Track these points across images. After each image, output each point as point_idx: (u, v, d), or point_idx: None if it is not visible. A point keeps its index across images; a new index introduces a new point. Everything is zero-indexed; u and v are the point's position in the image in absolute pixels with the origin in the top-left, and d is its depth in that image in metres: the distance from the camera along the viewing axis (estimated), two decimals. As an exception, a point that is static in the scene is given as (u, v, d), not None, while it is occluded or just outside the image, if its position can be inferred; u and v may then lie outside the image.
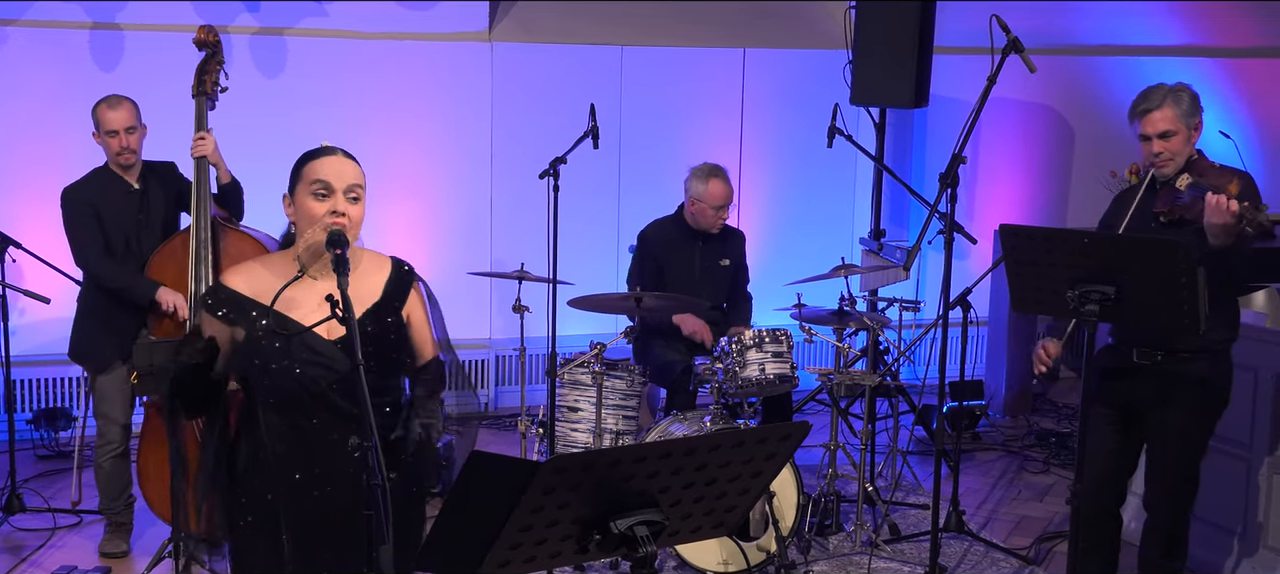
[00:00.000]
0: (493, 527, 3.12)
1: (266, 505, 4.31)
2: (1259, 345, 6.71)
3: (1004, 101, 10.36)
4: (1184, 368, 5.87)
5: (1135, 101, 5.98)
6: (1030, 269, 5.58)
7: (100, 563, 7.09)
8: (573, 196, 8.47)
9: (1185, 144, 5.88)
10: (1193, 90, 5.96)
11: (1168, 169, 5.90)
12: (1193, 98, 5.91)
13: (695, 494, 3.36)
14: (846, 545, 7.51)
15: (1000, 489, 8.61)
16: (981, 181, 10.81)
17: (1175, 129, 5.85)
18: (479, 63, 9.73)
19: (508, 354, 10.02)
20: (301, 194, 4.23)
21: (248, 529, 4.37)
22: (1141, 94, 5.97)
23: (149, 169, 7.09)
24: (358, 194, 4.26)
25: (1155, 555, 6.17)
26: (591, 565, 7.00)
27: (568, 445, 7.41)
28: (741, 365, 7.23)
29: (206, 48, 7.03)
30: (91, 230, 6.92)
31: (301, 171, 4.26)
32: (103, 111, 6.96)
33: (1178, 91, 5.90)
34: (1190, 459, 6.02)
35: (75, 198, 6.98)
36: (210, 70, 7.00)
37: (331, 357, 4.19)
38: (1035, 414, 10.15)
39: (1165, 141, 5.86)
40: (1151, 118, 5.88)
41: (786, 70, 10.46)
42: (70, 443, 8.82)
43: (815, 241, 10.14)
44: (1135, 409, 6.02)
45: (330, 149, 4.30)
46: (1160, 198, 5.86)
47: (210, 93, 6.99)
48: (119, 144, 6.93)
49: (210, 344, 4.25)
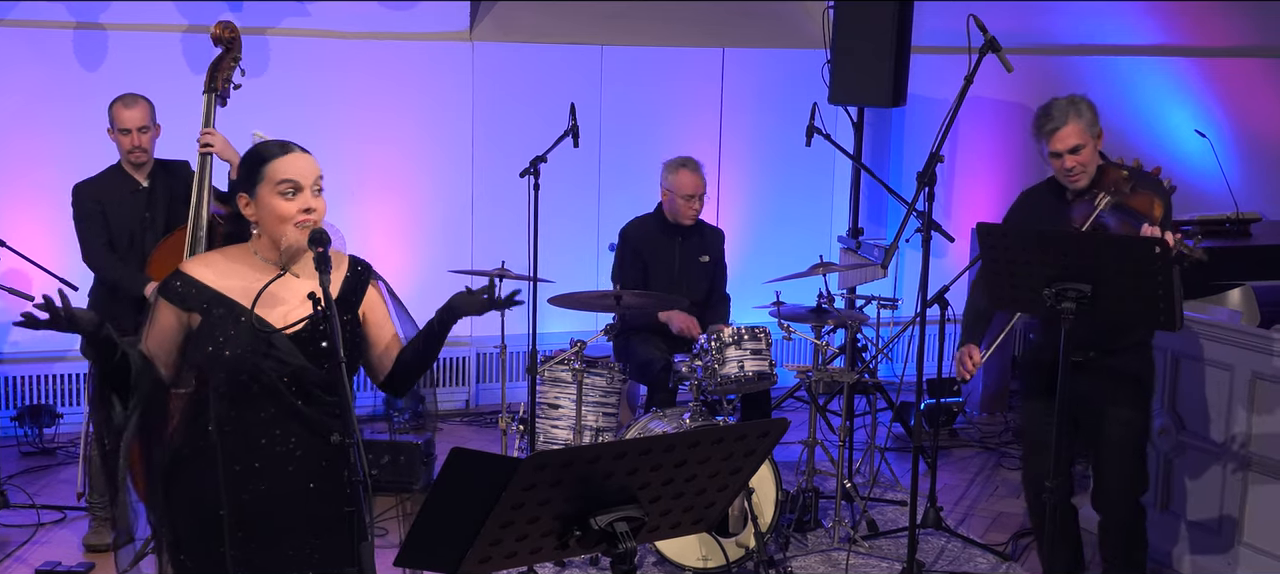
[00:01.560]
0: (474, 523, 3.14)
1: (202, 496, 4.26)
2: (1234, 343, 6.77)
3: (981, 101, 10.40)
4: (1114, 363, 6.01)
5: (1038, 121, 6.08)
6: (1007, 267, 5.60)
7: (84, 558, 7.11)
8: (553, 195, 8.51)
9: (1093, 154, 6.02)
10: (1088, 99, 6.10)
11: (1081, 182, 6.04)
12: (1091, 106, 6.06)
13: (675, 491, 3.39)
14: (825, 542, 7.56)
15: (977, 486, 8.67)
16: (959, 180, 10.86)
17: (1083, 142, 5.98)
18: (460, 62, 9.76)
19: (488, 351, 10.05)
20: (266, 194, 4.21)
21: (187, 525, 4.35)
22: (1042, 113, 6.07)
23: (161, 167, 7.14)
24: (320, 186, 4.27)
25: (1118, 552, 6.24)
26: (572, 561, 7.04)
27: (548, 442, 7.44)
28: (720, 363, 7.27)
29: (223, 43, 6.95)
30: (95, 226, 7.00)
31: (262, 172, 4.23)
32: (117, 109, 7.03)
33: (1078, 104, 6.04)
34: (1136, 454, 6.16)
35: (83, 194, 7.09)
36: (224, 67, 6.94)
37: (293, 357, 4.19)
38: (1012, 411, 10.18)
39: (1076, 155, 5.99)
40: (1060, 135, 5.99)
41: (765, 70, 10.50)
42: (54, 440, 8.85)
43: (794, 240, 10.18)
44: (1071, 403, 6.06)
45: (289, 145, 4.29)
46: (1076, 209, 5.96)
47: (221, 89, 6.92)
48: (130, 142, 6.99)
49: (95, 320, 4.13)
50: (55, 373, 9.09)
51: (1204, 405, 6.98)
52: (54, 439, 8.87)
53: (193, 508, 4.31)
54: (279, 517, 4.29)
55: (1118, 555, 6.26)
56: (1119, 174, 5.98)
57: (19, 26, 8.75)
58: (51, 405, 9.03)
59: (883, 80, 9.44)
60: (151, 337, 4.28)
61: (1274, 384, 6.63)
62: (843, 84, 9.66)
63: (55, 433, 8.91)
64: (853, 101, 9.85)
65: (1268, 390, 6.66)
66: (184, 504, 4.33)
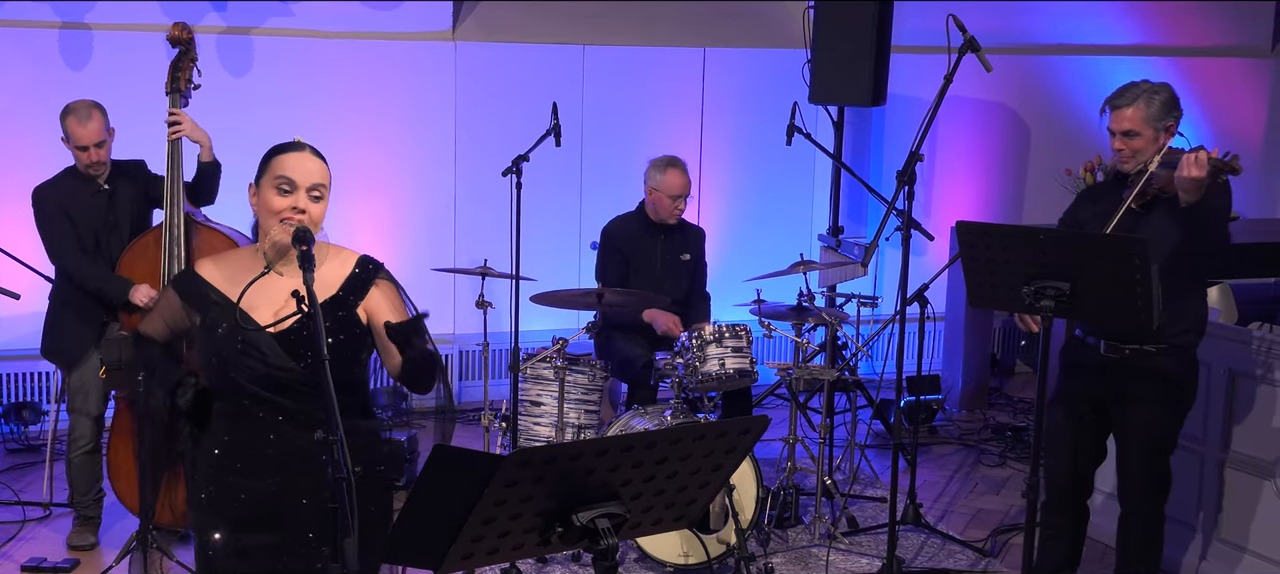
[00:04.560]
0: (456, 519, 3.16)
1: (204, 496, 4.36)
2: (1212, 340, 6.80)
3: (961, 100, 10.45)
4: (1151, 363, 5.93)
5: (1111, 95, 5.98)
6: (986, 265, 5.61)
7: (69, 555, 7.14)
8: (535, 194, 8.54)
9: (1150, 146, 5.87)
10: (1171, 93, 5.94)
11: (1129, 165, 5.91)
12: (1166, 102, 5.89)
13: (656, 487, 3.41)
14: (805, 538, 7.60)
15: (956, 482, 8.71)
16: (938, 179, 10.90)
17: (1139, 130, 5.86)
18: (443, 62, 9.78)
19: (471, 349, 10.07)
20: (265, 187, 4.29)
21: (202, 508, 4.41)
22: (1119, 88, 5.97)
23: (118, 169, 7.12)
24: (320, 193, 4.32)
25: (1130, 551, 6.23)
26: (554, 558, 7.07)
27: (530, 439, 7.45)
28: (702, 360, 7.30)
29: (180, 44, 7.04)
30: (64, 228, 6.96)
31: (268, 165, 4.32)
32: (72, 126, 6.93)
33: (1152, 92, 5.90)
34: (1160, 456, 6.09)
35: (44, 197, 7.02)
36: (183, 67, 7.01)
37: (275, 356, 4.23)
38: (991, 408, 10.23)
39: (1128, 140, 5.88)
40: (1120, 115, 5.90)
41: (746, 69, 10.53)
42: (39, 437, 8.86)
43: (774, 238, 10.20)
44: (1100, 402, 6.08)
45: (299, 144, 4.36)
46: (1130, 184, 5.88)
47: (183, 90, 7.00)
48: (88, 159, 6.94)
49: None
50: (39, 370, 9.09)
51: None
52: (38, 436, 8.87)
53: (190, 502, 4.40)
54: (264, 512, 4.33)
55: (1130, 554, 6.25)
56: (1175, 152, 5.88)
57: (3, 26, 8.75)
58: (35, 403, 9.04)
59: (863, 80, 9.49)
60: (152, 322, 4.45)
61: (1251, 381, 6.68)
62: (823, 83, 9.70)
63: (39, 430, 8.91)
64: (833, 101, 9.89)
65: (1245, 387, 6.71)
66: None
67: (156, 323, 4.47)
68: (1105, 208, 5.98)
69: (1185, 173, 5.49)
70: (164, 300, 4.49)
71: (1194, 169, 5.48)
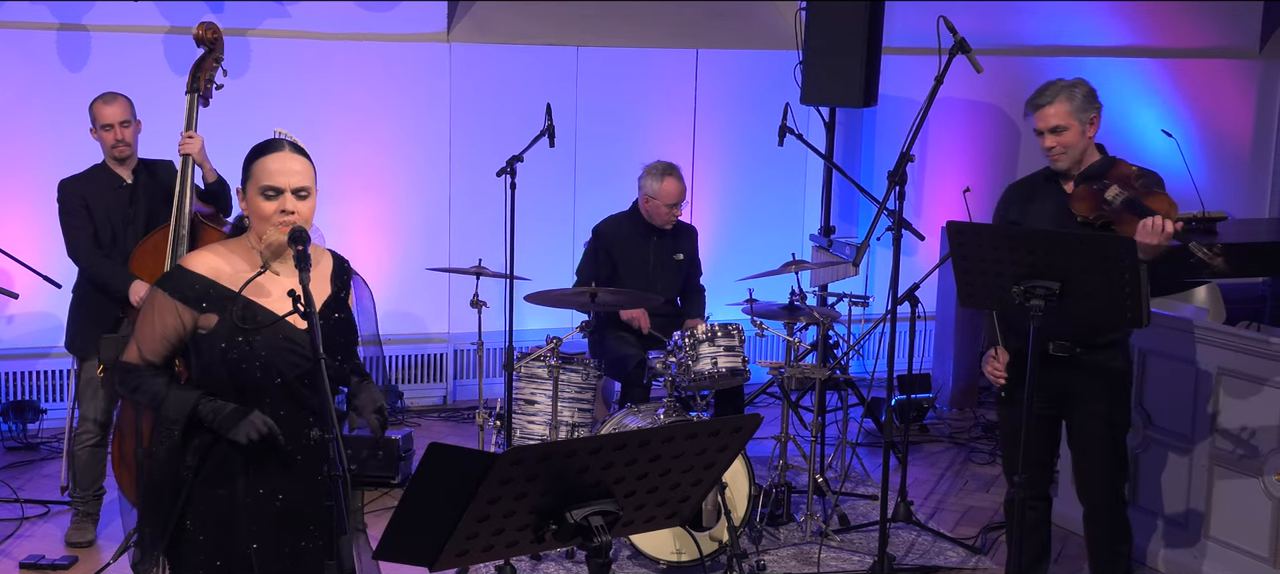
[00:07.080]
0: (451, 517, 3.19)
1: (218, 500, 4.32)
2: (1200, 341, 6.86)
3: (951, 101, 10.49)
4: (1099, 359, 6.02)
5: (1031, 96, 6.04)
6: (977, 265, 5.61)
7: (67, 552, 7.17)
8: (529, 194, 8.58)
9: (1079, 138, 5.97)
10: (1089, 85, 6.04)
11: (1062, 163, 6.00)
12: (1088, 93, 6.00)
13: (649, 485, 3.43)
14: (797, 535, 7.63)
15: (947, 480, 8.75)
16: (929, 179, 10.93)
17: (1067, 124, 5.94)
18: (437, 63, 9.82)
19: (466, 348, 10.10)
20: (252, 193, 4.28)
21: (193, 530, 4.36)
22: (1038, 89, 6.05)
23: (144, 166, 7.17)
24: (306, 192, 4.31)
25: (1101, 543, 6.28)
26: (547, 555, 7.10)
27: (524, 437, 7.48)
28: (694, 359, 7.32)
29: (205, 44, 7.04)
30: (80, 221, 7.02)
31: (252, 171, 4.30)
32: (98, 107, 7.05)
33: (1072, 86, 5.99)
34: (1120, 443, 6.16)
35: (68, 189, 7.11)
36: (206, 67, 7.02)
37: (305, 346, 4.21)
38: (981, 407, 10.25)
39: (1057, 136, 5.96)
40: (1044, 113, 5.97)
41: (738, 70, 10.57)
42: (38, 435, 8.89)
43: (766, 238, 10.23)
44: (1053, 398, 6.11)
45: (280, 143, 4.34)
46: (1076, 198, 5.94)
47: (204, 90, 7.00)
48: (114, 137, 7.01)
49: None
50: (39, 369, 9.12)
51: (1171, 401, 7.06)
52: (38, 434, 8.90)
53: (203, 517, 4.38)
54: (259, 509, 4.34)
55: (1101, 547, 6.28)
56: (1128, 170, 5.95)
57: (1, 28, 8.79)
58: (35, 401, 9.07)
59: (854, 81, 9.53)
60: (143, 331, 4.34)
61: (1240, 380, 6.70)
62: (815, 84, 9.74)
63: (39, 428, 8.94)
64: (825, 102, 9.92)
65: (1233, 386, 6.74)
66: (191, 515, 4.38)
67: (154, 343, 4.32)
68: (1051, 208, 6.07)
69: (1143, 239, 5.56)
70: (152, 312, 4.32)
71: (1151, 236, 5.57)
